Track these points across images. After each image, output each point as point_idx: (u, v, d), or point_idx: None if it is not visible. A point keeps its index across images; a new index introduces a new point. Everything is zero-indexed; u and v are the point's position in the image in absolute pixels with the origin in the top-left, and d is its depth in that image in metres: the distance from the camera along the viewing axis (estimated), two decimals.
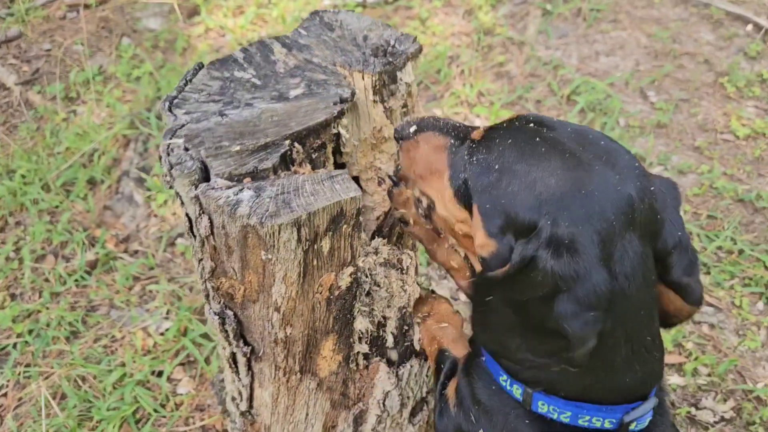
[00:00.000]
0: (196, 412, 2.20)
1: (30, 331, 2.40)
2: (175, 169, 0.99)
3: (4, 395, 2.25)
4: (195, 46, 3.76)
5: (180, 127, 1.08)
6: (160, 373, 2.29)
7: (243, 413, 1.37)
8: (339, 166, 1.25)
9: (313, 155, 1.11)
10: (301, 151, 1.08)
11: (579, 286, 0.86)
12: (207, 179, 1.02)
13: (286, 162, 1.05)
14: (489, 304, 0.98)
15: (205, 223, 0.98)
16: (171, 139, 1.05)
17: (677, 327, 1.42)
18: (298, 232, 0.94)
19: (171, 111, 1.11)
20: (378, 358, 1.29)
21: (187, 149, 1.03)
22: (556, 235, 0.88)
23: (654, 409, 1.05)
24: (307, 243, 0.97)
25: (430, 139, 1.09)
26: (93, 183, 3.01)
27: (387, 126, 1.25)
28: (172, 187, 1.06)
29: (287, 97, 1.13)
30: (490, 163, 0.97)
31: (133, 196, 2.91)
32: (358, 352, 1.23)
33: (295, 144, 1.06)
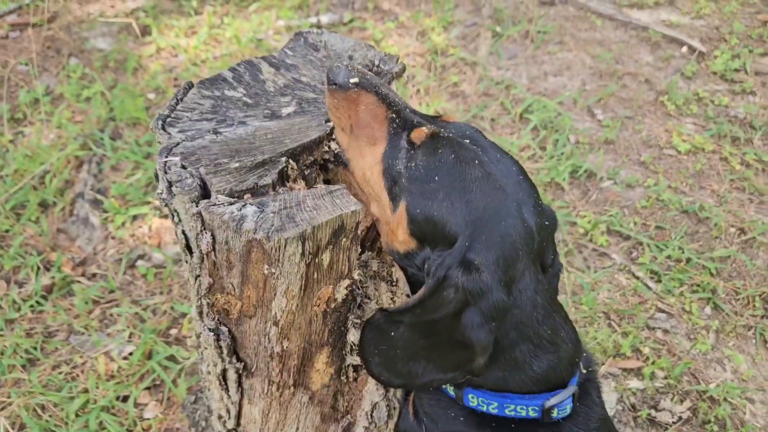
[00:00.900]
0: None
1: None
2: (175, 187, 1.00)
3: None
4: (147, 66, 3.72)
5: (175, 146, 1.09)
6: (125, 398, 2.24)
7: (230, 431, 1.37)
8: (324, 182, 1.28)
9: (306, 171, 1.14)
10: (295, 167, 1.11)
11: (483, 300, 0.99)
12: (206, 196, 1.03)
13: (282, 178, 1.07)
14: (395, 338, 1.07)
15: (207, 239, 0.99)
16: (167, 157, 1.06)
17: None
18: (303, 246, 0.97)
19: (164, 129, 1.12)
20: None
21: (184, 167, 1.04)
22: (469, 256, 1.00)
23: (579, 399, 1.16)
24: (310, 256, 0.99)
25: (372, 103, 1.10)
26: (45, 206, 2.93)
27: None
28: (167, 204, 1.07)
29: (279, 115, 1.16)
30: (429, 173, 1.05)
31: (89, 218, 2.85)
32: (350, 364, 1.25)
33: (290, 161, 1.09)
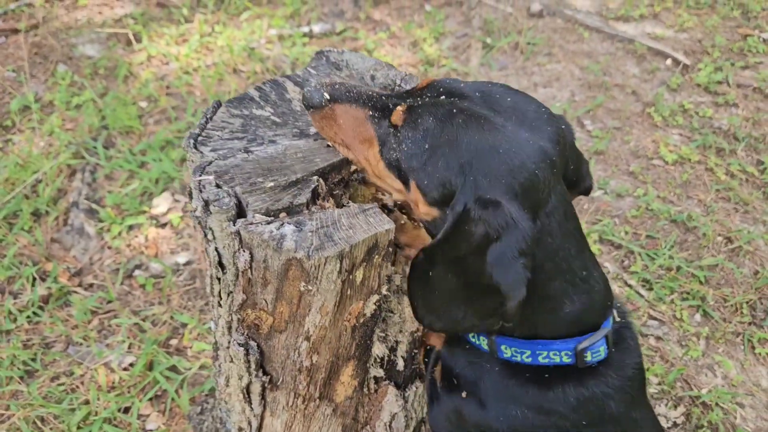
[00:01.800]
0: None
1: None
2: (213, 206, 1.02)
3: None
4: (138, 74, 3.70)
5: (208, 164, 1.11)
6: (126, 410, 2.24)
7: None
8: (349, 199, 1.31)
9: (334, 191, 1.16)
10: (324, 186, 1.14)
11: (507, 234, 0.96)
12: (240, 215, 1.06)
13: (314, 197, 1.10)
14: (433, 278, 1.05)
15: (245, 257, 1.02)
16: (201, 176, 1.08)
17: None
18: (341, 264, 1.00)
19: (196, 148, 1.14)
20: (387, 382, 1.34)
21: (219, 186, 1.06)
22: (480, 191, 0.98)
23: (615, 344, 1.14)
24: (345, 273, 1.02)
25: (348, 111, 1.13)
26: (37, 215, 2.90)
27: None
28: (201, 222, 1.09)
29: (308, 134, 1.19)
30: (418, 145, 1.05)
31: (84, 227, 2.84)
32: (373, 377, 1.28)
33: (320, 180, 1.11)
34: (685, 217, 2.85)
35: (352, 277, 1.05)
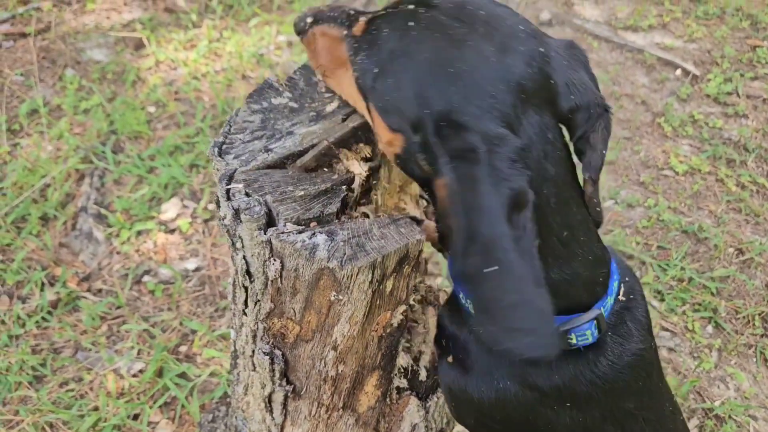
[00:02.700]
0: None
1: None
2: (243, 214, 1.01)
3: None
4: (146, 79, 3.70)
5: (233, 172, 1.10)
6: (136, 416, 2.23)
7: None
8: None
9: (362, 201, 1.16)
10: (351, 195, 1.13)
11: (496, 151, 0.81)
12: (269, 223, 1.05)
13: (343, 206, 1.09)
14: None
15: (276, 266, 1.01)
16: (229, 184, 1.07)
17: None
18: (372, 274, 0.99)
19: (221, 157, 1.13)
20: (409, 392, 1.33)
21: (248, 194, 1.05)
22: (437, 121, 0.85)
23: (612, 328, 1.00)
24: (376, 283, 1.01)
25: (326, 31, 1.05)
26: (45, 219, 2.89)
27: None
28: (230, 230, 1.08)
29: (324, 116, 1.18)
30: (372, 60, 0.94)
31: (93, 232, 2.83)
32: (396, 387, 1.27)
33: (348, 192, 1.11)
34: (696, 228, 2.85)
35: (382, 287, 1.04)
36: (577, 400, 1.04)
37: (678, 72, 3.71)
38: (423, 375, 1.32)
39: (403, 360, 1.23)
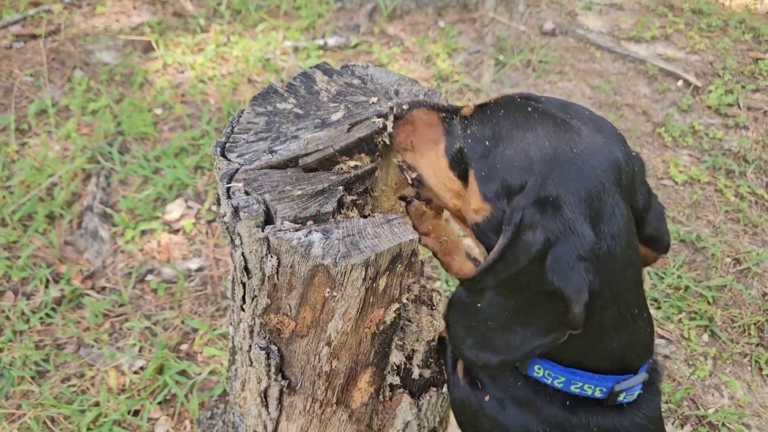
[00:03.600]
0: None
1: None
2: (242, 212, 1.05)
3: None
4: (153, 82, 3.75)
5: (235, 171, 1.14)
6: (136, 412, 2.26)
7: None
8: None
9: (358, 201, 1.19)
10: (348, 196, 1.16)
11: (567, 239, 0.90)
12: (267, 221, 1.08)
13: (339, 206, 1.13)
14: (482, 308, 1.01)
15: (272, 262, 1.04)
16: (229, 182, 1.11)
17: None
18: (366, 272, 1.02)
19: (224, 156, 1.16)
20: (402, 390, 1.36)
21: (248, 192, 1.09)
22: (544, 193, 0.93)
23: (644, 386, 1.10)
24: (370, 281, 1.05)
25: (422, 115, 1.17)
26: (52, 218, 2.94)
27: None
28: (229, 227, 1.11)
29: (329, 123, 1.22)
30: (485, 133, 1.03)
31: (98, 231, 2.87)
32: (389, 384, 1.30)
33: (345, 192, 1.14)
34: (694, 238, 2.87)
35: (375, 284, 1.07)
36: None
37: (680, 83, 3.74)
38: (416, 373, 1.35)
39: (396, 357, 1.27)
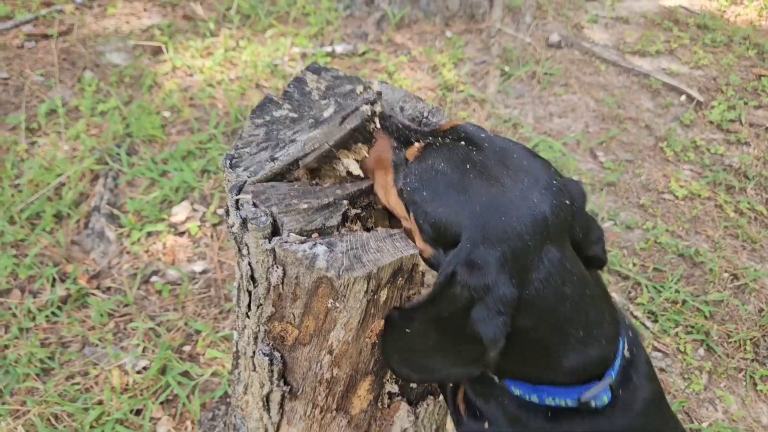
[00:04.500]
0: None
1: None
2: (250, 223, 1.09)
3: None
4: (162, 84, 3.80)
5: (243, 184, 1.18)
6: (138, 412, 2.30)
7: None
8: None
9: (361, 214, 1.23)
10: (352, 209, 1.20)
11: (489, 296, 1.01)
12: (274, 233, 1.12)
13: (344, 219, 1.17)
14: (411, 335, 1.13)
15: (278, 273, 1.08)
16: (238, 195, 1.15)
17: None
18: (368, 284, 1.06)
19: (233, 169, 1.20)
20: (400, 398, 1.40)
21: (255, 205, 1.13)
22: (472, 254, 1.02)
23: (620, 385, 1.18)
24: (371, 293, 1.09)
25: (381, 138, 1.24)
26: (59, 217, 2.98)
27: None
28: (237, 238, 1.15)
29: (322, 120, 1.26)
30: (423, 184, 1.10)
31: (105, 232, 2.91)
32: (388, 392, 1.34)
33: (350, 206, 1.18)
34: (692, 252, 2.90)
35: (376, 296, 1.11)
36: None
37: (683, 98, 3.77)
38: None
39: None
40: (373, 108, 1.23)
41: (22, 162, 3.19)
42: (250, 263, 1.16)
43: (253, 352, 1.29)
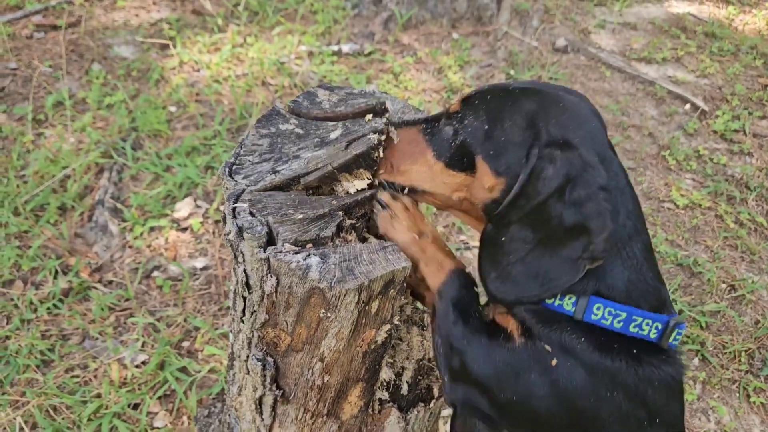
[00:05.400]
0: None
1: None
2: (246, 232, 1.11)
3: None
4: (169, 79, 3.82)
5: (241, 192, 1.20)
6: (136, 406, 2.33)
7: None
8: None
9: (357, 224, 1.25)
10: (347, 220, 1.22)
11: (586, 173, 0.98)
12: (269, 242, 1.14)
13: (339, 229, 1.18)
14: (506, 241, 1.05)
15: (272, 282, 1.10)
16: (235, 203, 1.17)
17: None
18: (359, 296, 1.08)
19: (231, 176, 1.22)
20: (391, 404, 1.42)
21: (252, 214, 1.15)
22: (554, 136, 1.03)
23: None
24: (362, 304, 1.11)
25: (402, 132, 1.25)
26: (63, 209, 3.01)
27: None
28: (233, 245, 1.17)
29: (328, 141, 1.28)
30: (481, 118, 1.12)
31: (108, 225, 2.94)
32: (378, 399, 1.36)
33: (345, 217, 1.20)
34: (691, 262, 2.91)
35: (368, 307, 1.13)
36: (663, 400, 1.07)
37: (687, 106, 3.77)
38: (405, 389, 1.41)
39: (386, 374, 1.33)
40: (380, 137, 1.25)
41: (28, 153, 3.22)
42: (245, 270, 1.18)
43: (247, 356, 1.31)
